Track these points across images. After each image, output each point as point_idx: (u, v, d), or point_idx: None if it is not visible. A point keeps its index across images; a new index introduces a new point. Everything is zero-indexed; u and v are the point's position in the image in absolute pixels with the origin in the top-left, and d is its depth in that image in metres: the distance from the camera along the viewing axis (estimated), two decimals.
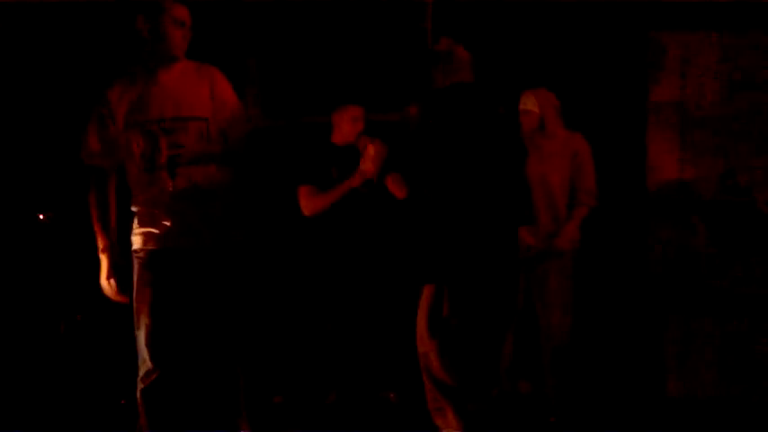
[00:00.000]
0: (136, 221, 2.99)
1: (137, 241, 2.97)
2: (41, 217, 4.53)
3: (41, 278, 4.56)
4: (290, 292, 4.40)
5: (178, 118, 2.91)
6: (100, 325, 4.50)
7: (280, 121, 4.71)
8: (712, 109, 4.51)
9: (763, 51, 4.48)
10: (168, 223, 2.90)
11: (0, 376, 4.35)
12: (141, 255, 2.94)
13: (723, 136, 4.50)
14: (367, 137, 3.92)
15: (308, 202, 4.09)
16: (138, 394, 2.90)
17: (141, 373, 2.90)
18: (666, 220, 4.51)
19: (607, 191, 4.06)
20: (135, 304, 2.92)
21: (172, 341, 2.87)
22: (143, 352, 2.89)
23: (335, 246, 4.14)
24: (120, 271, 2.96)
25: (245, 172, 3.08)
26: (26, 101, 4.69)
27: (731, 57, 4.49)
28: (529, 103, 3.91)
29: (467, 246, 3.17)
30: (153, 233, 2.92)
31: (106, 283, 2.97)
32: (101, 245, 2.98)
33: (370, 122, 4.23)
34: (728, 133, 4.49)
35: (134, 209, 2.99)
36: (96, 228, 2.99)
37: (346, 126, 4.19)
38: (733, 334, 4.42)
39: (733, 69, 4.49)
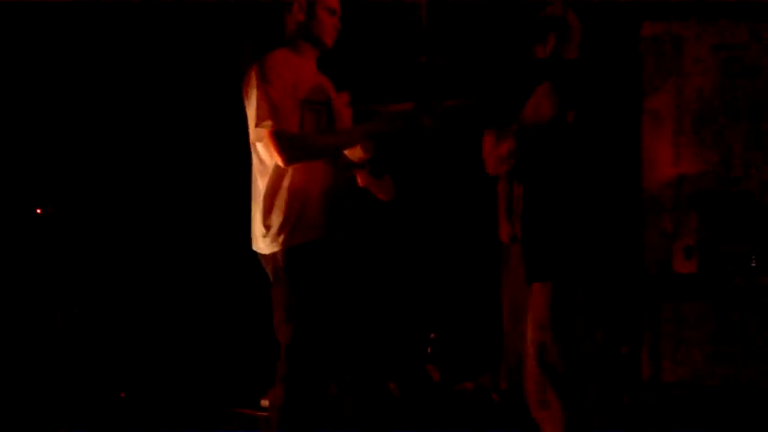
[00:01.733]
0: (284, 213, 2.83)
1: (282, 239, 2.82)
2: (39, 212, 4.55)
3: (39, 272, 4.58)
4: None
5: (328, 104, 2.89)
6: (98, 318, 4.53)
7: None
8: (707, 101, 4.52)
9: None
10: (320, 214, 2.83)
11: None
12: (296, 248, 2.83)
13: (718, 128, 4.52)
14: None
15: None
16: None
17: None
18: (661, 212, 4.53)
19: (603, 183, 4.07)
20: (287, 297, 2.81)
21: (318, 335, 2.81)
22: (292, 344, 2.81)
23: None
24: None
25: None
26: (26, 96, 4.70)
27: (727, 46, 4.50)
28: None
29: (590, 241, 2.97)
30: (302, 225, 2.81)
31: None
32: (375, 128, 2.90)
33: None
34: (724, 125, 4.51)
35: (282, 201, 2.83)
36: (352, 133, 2.93)
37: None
38: (727, 320, 4.45)
39: (728, 59, 4.50)
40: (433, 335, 4.38)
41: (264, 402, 4.10)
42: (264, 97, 2.71)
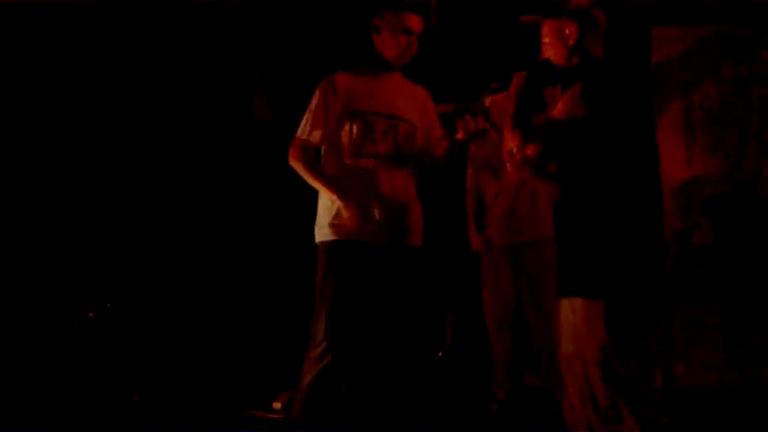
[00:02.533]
0: (328, 210, 3.12)
1: (328, 231, 3.11)
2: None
3: (54, 276, 4.60)
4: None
5: (393, 116, 3.15)
6: (111, 321, 4.55)
7: None
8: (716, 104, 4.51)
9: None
10: (365, 216, 3.06)
11: (14, 374, 4.39)
12: (331, 244, 3.10)
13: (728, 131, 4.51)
14: None
15: None
16: (309, 378, 3.00)
17: (315, 353, 3.01)
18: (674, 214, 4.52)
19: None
20: (319, 291, 3.09)
21: (350, 330, 3.02)
22: (320, 333, 3.02)
23: None
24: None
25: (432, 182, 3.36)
26: (32, 93, 4.72)
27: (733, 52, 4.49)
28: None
29: (631, 251, 2.87)
30: (345, 224, 3.06)
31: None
32: (333, 190, 3.08)
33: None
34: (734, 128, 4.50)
35: (327, 199, 3.13)
36: (320, 182, 3.11)
37: None
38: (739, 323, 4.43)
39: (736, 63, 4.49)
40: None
41: (277, 405, 4.11)
42: (307, 110, 3.14)
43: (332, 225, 3.08)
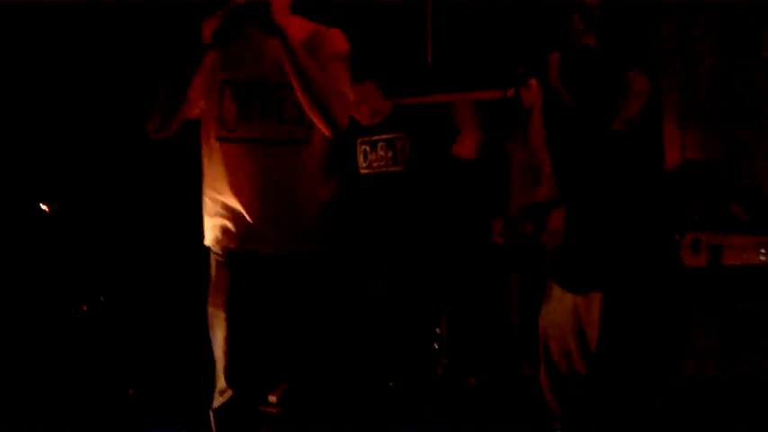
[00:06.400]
0: (210, 210, 2.57)
1: (211, 236, 2.57)
2: (45, 208, 4.54)
3: (46, 270, 4.57)
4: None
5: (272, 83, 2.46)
6: (106, 316, 4.52)
7: None
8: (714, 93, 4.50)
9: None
10: (251, 219, 2.47)
11: (7, 370, 4.36)
12: (219, 253, 2.56)
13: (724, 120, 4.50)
14: None
15: None
16: (211, 413, 2.59)
17: (216, 388, 2.60)
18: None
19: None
20: (209, 308, 2.60)
21: (250, 356, 2.53)
22: (218, 365, 2.58)
23: None
24: None
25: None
26: (30, 92, 4.69)
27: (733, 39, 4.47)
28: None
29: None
30: (230, 229, 2.50)
31: None
32: None
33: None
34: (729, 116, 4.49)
35: (206, 195, 2.58)
36: None
37: None
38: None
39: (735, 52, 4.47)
40: (438, 330, 4.36)
41: (272, 398, 4.10)
42: None
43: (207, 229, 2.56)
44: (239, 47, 2.43)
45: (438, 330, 4.40)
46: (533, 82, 3.20)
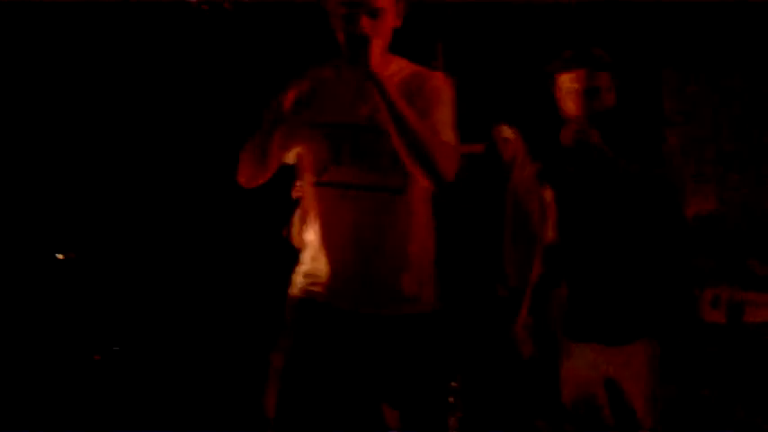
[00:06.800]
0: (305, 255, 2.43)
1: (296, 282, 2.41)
2: (61, 257, 4.57)
3: (61, 319, 4.57)
4: None
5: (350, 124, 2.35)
6: (115, 367, 4.51)
7: None
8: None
9: None
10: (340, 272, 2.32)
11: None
12: (295, 300, 2.39)
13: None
14: None
15: None
16: None
17: None
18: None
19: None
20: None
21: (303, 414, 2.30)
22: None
23: None
24: None
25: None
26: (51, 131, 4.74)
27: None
28: (506, 132, 3.69)
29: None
30: (317, 278, 2.36)
31: None
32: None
33: None
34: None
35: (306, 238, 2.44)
36: None
37: None
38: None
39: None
40: (454, 383, 4.31)
41: None
42: None
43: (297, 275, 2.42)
44: (333, 88, 2.34)
45: (453, 383, 4.35)
46: (511, 135, 3.26)
